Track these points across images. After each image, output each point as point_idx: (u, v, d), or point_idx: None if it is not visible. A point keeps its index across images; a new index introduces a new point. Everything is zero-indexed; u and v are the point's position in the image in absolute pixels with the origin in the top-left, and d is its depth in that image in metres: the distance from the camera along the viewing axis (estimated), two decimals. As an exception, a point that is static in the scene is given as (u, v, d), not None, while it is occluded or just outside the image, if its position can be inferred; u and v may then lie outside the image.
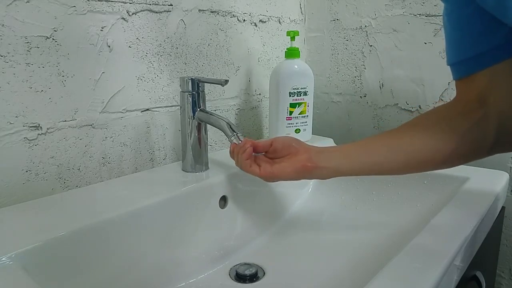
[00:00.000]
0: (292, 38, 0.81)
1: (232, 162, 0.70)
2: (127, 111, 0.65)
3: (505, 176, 0.66)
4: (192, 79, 0.62)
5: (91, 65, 0.59)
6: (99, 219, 0.47)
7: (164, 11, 0.67)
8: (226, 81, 0.59)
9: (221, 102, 0.81)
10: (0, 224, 0.45)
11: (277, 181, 0.52)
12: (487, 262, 0.67)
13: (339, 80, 0.98)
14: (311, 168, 0.49)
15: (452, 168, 0.68)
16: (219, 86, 0.80)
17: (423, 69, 0.84)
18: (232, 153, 0.57)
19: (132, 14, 0.63)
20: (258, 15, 0.86)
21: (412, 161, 0.48)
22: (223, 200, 0.64)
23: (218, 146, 0.82)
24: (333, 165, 0.50)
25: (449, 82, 0.81)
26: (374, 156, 0.49)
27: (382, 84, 0.91)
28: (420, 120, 0.51)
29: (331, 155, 0.51)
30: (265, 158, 0.55)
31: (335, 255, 0.61)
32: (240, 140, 0.58)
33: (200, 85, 0.63)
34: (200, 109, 0.63)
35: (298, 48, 0.81)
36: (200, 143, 0.64)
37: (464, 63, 0.47)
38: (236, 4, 0.81)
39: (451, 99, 0.52)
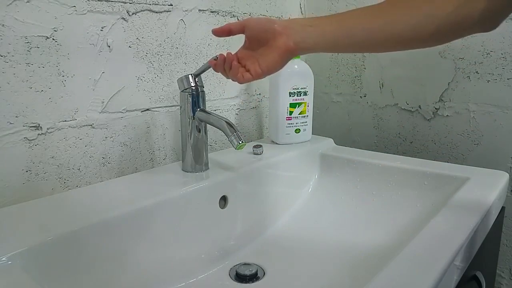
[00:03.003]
0: (292, 38, 0.81)
1: (232, 162, 0.70)
2: (127, 111, 0.65)
3: (505, 176, 0.66)
4: (188, 76, 0.62)
5: (91, 65, 0.59)
6: (99, 219, 0.47)
7: (164, 11, 0.67)
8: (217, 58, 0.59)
9: (221, 102, 0.81)
10: (0, 224, 0.45)
11: (268, 74, 0.53)
12: (487, 262, 0.67)
13: (339, 80, 0.98)
14: (294, 50, 0.50)
15: (452, 168, 0.68)
16: (219, 86, 0.80)
17: (423, 69, 0.84)
18: (217, 69, 0.56)
19: (132, 14, 0.63)
20: (258, 15, 0.86)
21: (394, 39, 0.46)
22: (223, 200, 0.64)
23: (218, 146, 0.82)
24: (312, 45, 0.50)
25: (449, 82, 0.81)
26: (353, 38, 0.48)
27: (382, 84, 0.91)
28: None
29: (309, 35, 0.50)
30: (246, 55, 0.54)
31: (335, 255, 0.61)
32: (240, 140, 0.58)
33: (198, 82, 0.62)
34: (200, 109, 0.63)
35: (298, 48, 0.81)
36: (200, 143, 0.64)
37: None
38: (236, 4, 0.81)
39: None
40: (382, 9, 0.47)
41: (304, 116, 0.83)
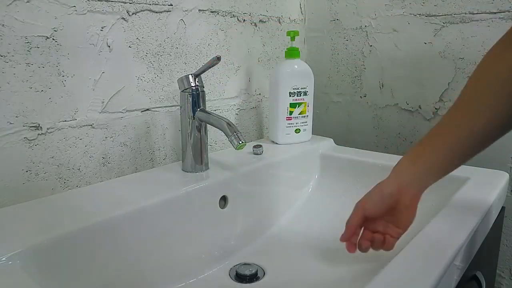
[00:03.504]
0: (292, 38, 0.81)
1: (232, 162, 0.70)
2: (127, 111, 0.65)
3: (505, 176, 0.66)
4: (188, 76, 0.62)
5: (91, 65, 0.59)
6: (99, 219, 0.47)
7: (164, 11, 0.67)
8: (219, 58, 0.59)
9: (221, 102, 0.81)
10: (0, 224, 0.45)
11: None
12: (487, 262, 0.67)
13: (339, 80, 0.98)
14: (419, 196, 0.49)
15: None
16: (219, 86, 0.80)
17: (423, 69, 0.84)
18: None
19: (132, 14, 0.63)
20: (258, 15, 0.86)
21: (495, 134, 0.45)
22: (223, 200, 0.64)
23: (218, 146, 0.82)
24: (430, 181, 0.49)
25: (449, 82, 0.81)
26: (455, 157, 0.47)
27: (382, 84, 0.91)
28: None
29: (422, 179, 0.49)
30: (374, 224, 0.52)
31: (335, 255, 0.61)
32: (240, 140, 0.58)
33: (198, 82, 0.62)
34: (200, 109, 0.63)
35: (298, 48, 0.81)
36: (200, 143, 0.64)
37: None
38: (236, 4, 0.81)
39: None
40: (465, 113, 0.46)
41: (304, 116, 0.83)
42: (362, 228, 0.53)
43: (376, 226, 0.51)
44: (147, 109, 0.68)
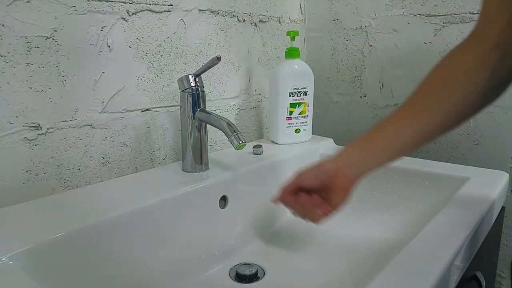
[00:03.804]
0: (292, 38, 0.81)
1: (232, 162, 0.70)
2: (127, 111, 0.65)
3: (505, 176, 0.66)
4: (188, 76, 0.62)
5: (91, 65, 0.59)
6: (99, 219, 0.47)
7: (164, 11, 0.67)
8: (219, 58, 0.59)
9: (221, 102, 0.81)
10: (0, 224, 0.45)
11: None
12: (487, 262, 0.67)
13: (339, 80, 0.98)
14: (355, 181, 0.50)
15: (452, 168, 0.68)
16: (219, 86, 0.80)
17: (423, 69, 0.84)
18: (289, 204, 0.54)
19: (132, 14, 0.63)
20: (258, 15, 0.86)
21: (437, 133, 0.48)
22: (223, 200, 0.64)
23: (218, 146, 0.82)
24: (369, 168, 0.50)
25: (449, 82, 0.81)
26: (397, 148, 0.49)
27: (382, 84, 0.91)
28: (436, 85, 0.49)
29: (361, 164, 0.50)
30: (308, 197, 0.53)
31: (335, 255, 0.61)
32: (240, 140, 0.58)
33: (198, 82, 0.62)
34: (200, 109, 0.63)
35: (298, 48, 0.81)
36: (200, 143, 0.64)
37: None
38: (236, 4, 0.81)
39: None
40: (415, 107, 0.50)
41: (304, 116, 0.83)
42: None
43: (310, 198, 0.52)
44: (147, 109, 0.68)
